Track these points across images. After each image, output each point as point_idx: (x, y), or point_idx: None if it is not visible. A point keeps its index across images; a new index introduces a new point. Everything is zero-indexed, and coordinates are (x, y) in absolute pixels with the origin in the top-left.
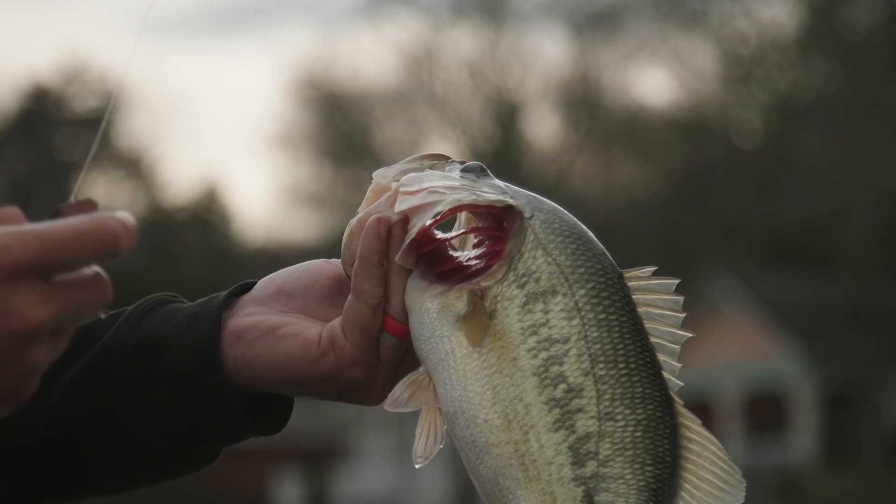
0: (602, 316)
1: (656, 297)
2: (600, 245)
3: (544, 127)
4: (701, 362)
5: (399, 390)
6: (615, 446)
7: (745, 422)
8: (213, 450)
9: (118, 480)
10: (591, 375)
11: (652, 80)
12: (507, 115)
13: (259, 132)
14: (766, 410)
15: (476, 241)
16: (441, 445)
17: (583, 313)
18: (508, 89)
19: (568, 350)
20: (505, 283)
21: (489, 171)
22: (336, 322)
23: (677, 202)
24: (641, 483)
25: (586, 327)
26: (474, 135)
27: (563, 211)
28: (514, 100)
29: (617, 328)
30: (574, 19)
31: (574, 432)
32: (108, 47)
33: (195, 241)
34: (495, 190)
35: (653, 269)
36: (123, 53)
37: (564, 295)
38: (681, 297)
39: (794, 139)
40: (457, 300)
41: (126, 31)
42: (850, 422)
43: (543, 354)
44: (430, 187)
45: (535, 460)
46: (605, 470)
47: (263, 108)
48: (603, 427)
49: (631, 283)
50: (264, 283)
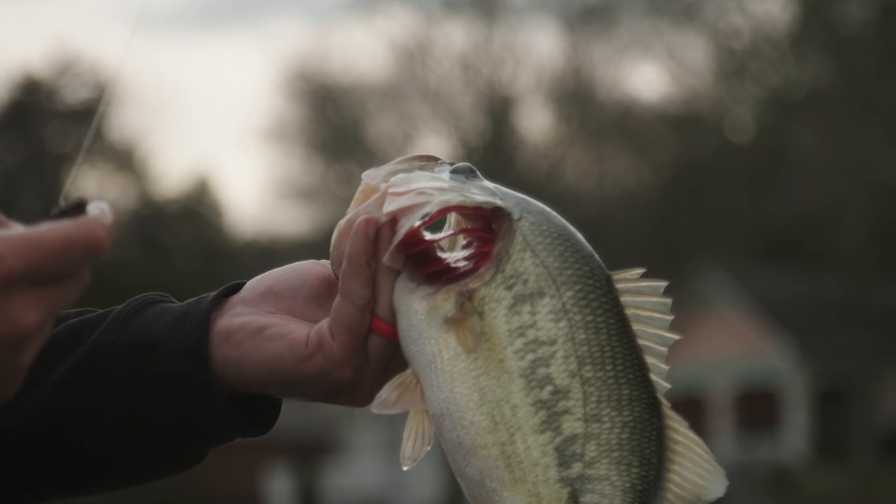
0: (589, 318)
1: (644, 300)
2: (589, 247)
3: (536, 121)
4: (693, 358)
5: (386, 392)
6: (601, 448)
7: (738, 418)
8: (201, 450)
9: (105, 479)
10: (577, 377)
11: (645, 74)
12: (499, 109)
13: (250, 125)
14: (758, 406)
15: (465, 242)
16: (429, 448)
17: (570, 315)
18: (501, 83)
19: (555, 352)
20: (493, 284)
21: (479, 173)
22: (324, 323)
23: (670, 197)
24: (627, 484)
25: (573, 329)
26: (466, 129)
27: (553, 213)
28: (507, 94)
29: (604, 330)
30: (567, 14)
31: (560, 434)
32: (99, 39)
33: (186, 233)
34: (484, 191)
35: (641, 271)
36: (118, 47)
37: (552, 297)
38: (669, 300)
39: (787, 134)
40: (444, 302)
41: (117, 23)
42: (843, 418)
43: (530, 356)
44: (418, 188)
45: (522, 462)
46: (591, 471)
47: (255, 102)
48: (589, 429)
49: (619, 286)
50: (253, 283)
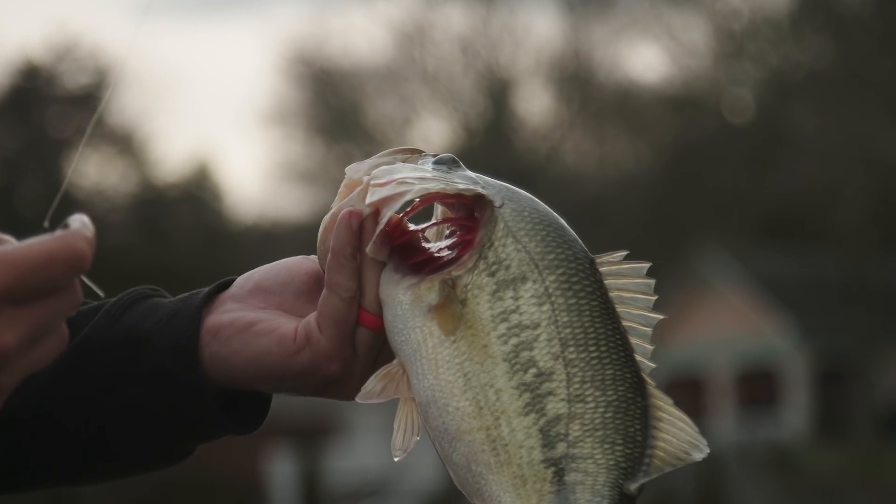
0: (572, 301)
1: (627, 282)
2: (572, 232)
3: (536, 103)
4: (693, 338)
5: (372, 383)
6: (585, 427)
7: (738, 397)
8: (190, 446)
9: (93, 472)
10: (560, 359)
11: (644, 55)
12: (498, 91)
13: (250, 109)
14: (758, 386)
15: (449, 231)
16: (418, 437)
17: (553, 299)
18: (500, 66)
19: (538, 335)
20: (476, 271)
21: (462, 163)
22: (311, 317)
23: (669, 178)
24: (611, 462)
25: (556, 312)
26: (466, 111)
27: (535, 199)
28: (506, 76)
29: (587, 312)
30: None
31: (544, 415)
32: (99, 24)
33: (187, 218)
34: (466, 180)
35: (624, 253)
36: (118, 31)
37: (534, 281)
38: (652, 280)
39: (786, 114)
40: (428, 291)
41: (117, 7)
42: (843, 397)
43: (514, 340)
44: (399, 178)
45: (507, 444)
46: (575, 450)
47: (255, 85)
48: (573, 409)
49: (602, 268)
50: (242, 279)
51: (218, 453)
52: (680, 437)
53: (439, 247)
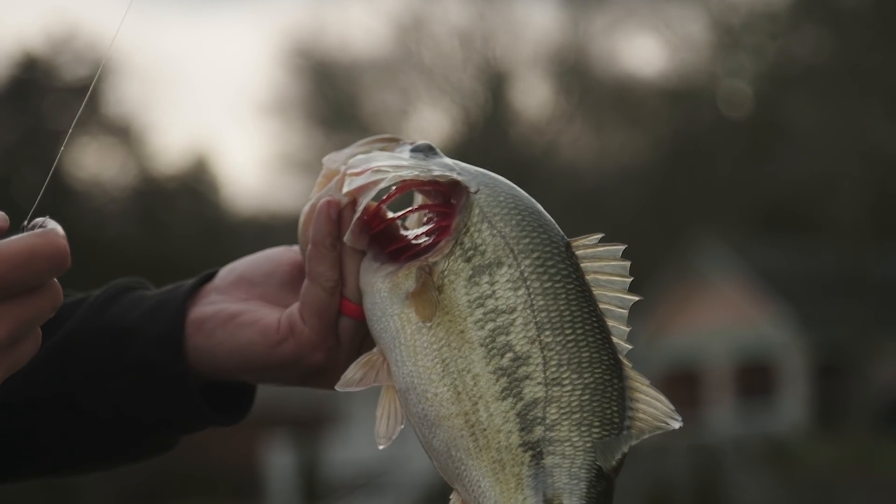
0: (548, 284)
1: (603, 264)
2: (547, 216)
3: (534, 96)
4: (690, 330)
5: (352, 371)
6: (562, 410)
7: (735, 389)
8: (174, 437)
9: (76, 463)
10: (537, 343)
11: (642, 48)
12: (496, 83)
13: (249, 101)
14: (755, 378)
15: (426, 218)
16: (402, 426)
17: (528, 283)
18: (498, 58)
19: (514, 320)
20: (452, 257)
21: (439, 150)
22: (294, 307)
23: (667, 170)
24: (588, 444)
25: (532, 296)
26: (464, 103)
27: (511, 185)
28: (504, 68)
29: (563, 296)
30: None
31: (521, 399)
32: (97, 15)
33: (185, 209)
34: (442, 167)
35: (599, 235)
36: (115, 22)
37: (510, 266)
38: (627, 262)
39: (784, 107)
40: (406, 278)
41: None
42: (840, 389)
43: (490, 325)
44: (375, 167)
45: (485, 429)
46: (552, 434)
47: (253, 77)
48: (550, 392)
49: (578, 252)
50: (226, 271)
51: (216, 444)
52: (657, 410)
53: (416, 234)
